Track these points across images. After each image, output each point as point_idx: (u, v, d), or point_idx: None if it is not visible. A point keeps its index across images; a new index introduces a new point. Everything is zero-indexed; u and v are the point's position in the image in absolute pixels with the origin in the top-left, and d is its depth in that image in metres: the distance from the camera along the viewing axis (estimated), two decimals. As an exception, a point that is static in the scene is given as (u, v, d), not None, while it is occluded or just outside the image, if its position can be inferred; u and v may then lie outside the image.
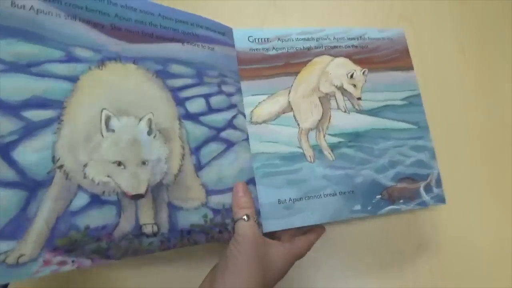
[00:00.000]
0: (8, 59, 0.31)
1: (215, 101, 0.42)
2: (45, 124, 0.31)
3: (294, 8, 0.62)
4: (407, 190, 0.47)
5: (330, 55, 0.49)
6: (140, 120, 0.36)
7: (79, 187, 0.32)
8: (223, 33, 0.45)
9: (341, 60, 0.49)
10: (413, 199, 0.47)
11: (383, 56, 0.51)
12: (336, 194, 0.44)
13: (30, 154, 0.30)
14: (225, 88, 0.43)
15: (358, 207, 0.44)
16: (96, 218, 0.32)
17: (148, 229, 0.35)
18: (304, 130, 0.45)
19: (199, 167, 0.39)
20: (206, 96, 0.41)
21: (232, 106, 0.43)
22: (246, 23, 0.58)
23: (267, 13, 0.60)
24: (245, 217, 0.38)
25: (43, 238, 0.30)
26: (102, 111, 0.34)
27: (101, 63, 0.35)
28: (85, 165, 0.32)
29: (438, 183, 0.48)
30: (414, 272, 0.51)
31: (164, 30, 0.40)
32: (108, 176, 0.33)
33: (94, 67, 0.35)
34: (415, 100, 0.51)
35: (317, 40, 0.49)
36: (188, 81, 0.40)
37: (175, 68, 0.40)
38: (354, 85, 0.49)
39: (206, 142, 0.40)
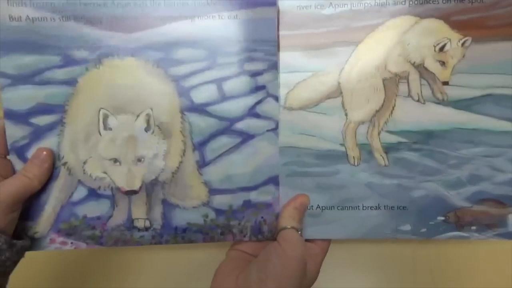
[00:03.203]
0: (13, 73, 0.34)
1: (232, 85, 0.35)
2: (50, 127, 0.34)
3: None
4: (487, 215, 0.35)
5: (416, 15, 0.34)
6: (137, 116, 0.34)
7: (79, 182, 0.35)
8: (258, -12, 0.34)
9: (430, 22, 0.34)
10: (492, 228, 0.35)
11: (506, 16, 0.33)
12: (380, 208, 0.36)
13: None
14: (249, 66, 0.35)
15: (407, 227, 0.35)
16: (93, 209, 0.35)
17: (139, 224, 0.36)
18: (353, 123, 0.35)
19: (202, 163, 0.35)
20: (219, 81, 0.35)
21: (257, 88, 0.35)
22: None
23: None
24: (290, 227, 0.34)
25: (51, 221, 0.35)
26: (99, 110, 0.34)
27: (98, 61, 0.34)
28: (84, 162, 0.35)
29: (542, 212, 0.35)
30: (413, 272, 0.45)
31: (169, 8, 0.34)
32: (104, 172, 0.34)
33: (91, 66, 0.34)
34: (542, 89, 0.34)
35: (398, -8, 0.34)
36: (196, 66, 0.35)
37: (180, 52, 0.34)
38: (443, 63, 0.34)
39: (214, 135, 0.35)
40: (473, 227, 0.35)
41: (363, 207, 0.36)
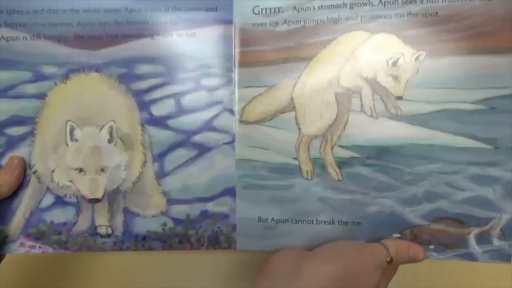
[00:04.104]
0: None
1: (189, 100, 0.36)
2: (22, 138, 0.37)
3: None
4: (445, 234, 0.34)
5: (368, 30, 0.34)
6: (101, 128, 0.36)
7: (48, 189, 0.37)
8: (215, 8, 0.35)
9: (382, 37, 0.34)
10: (451, 248, 0.34)
11: (462, 30, 0.32)
12: (333, 223, 0.35)
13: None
14: (206, 81, 0.36)
15: (361, 243, 0.35)
16: (59, 215, 0.37)
17: (102, 230, 0.37)
18: (306, 138, 0.35)
19: (161, 174, 0.37)
20: (178, 96, 0.36)
21: (214, 103, 0.36)
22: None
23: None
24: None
25: (21, 226, 0.37)
26: (67, 122, 0.36)
27: (66, 76, 0.37)
28: (52, 171, 0.37)
29: (507, 233, 0.33)
30: (413, 273, 0.43)
31: (131, 27, 0.36)
32: (70, 181, 0.37)
33: (60, 82, 0.37)
34: (501, 104, 0.32)
35: (350, 7, 0.34)
36: (156, 81, 0.36)
37: (141, 68, 0.36)
38: (396, 77, 0.34)
39: (172, 148, 0.37)
40: (431, 246, 0.34)
41: (317, 221, 0.36)
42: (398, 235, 0.34)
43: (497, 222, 0.33)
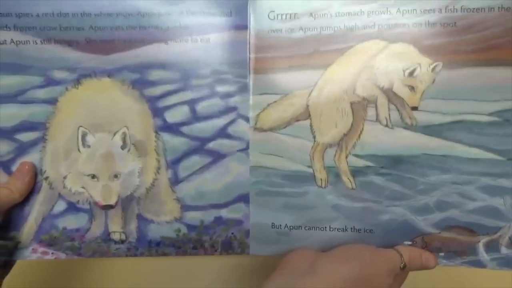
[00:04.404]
0: None
1: (204, 106, 0.36)
2: (33, 143, 0.37)
3: None
4: (455, 242, 0.34)
5: (385, 39, 0.34)
6: (114, 134, 0.36)
7: (60, 195, 0.37)
8: (230, 13, 0.35)
9: (400, 47, 0.33)
10: (461, 255, 0.34)
11: (479, 41, 0.32)
12: (346, 230, 0.36)
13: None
14: (221, 88, 0.36)
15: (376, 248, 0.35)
16: (72, 221, 0.37)
17: (116, 236, 0.37)
18: (321, 146, 0.35)
19: (175, 181, 0.37)
20: (192, 103, 0.36)
21: (229, 109, 0.36)
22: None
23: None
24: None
25: (33, 232, 0.37)
26: (78, 128, 0.36)
27: (77, 81, 0.36)
28: (64, 177, 0.37)
29: (515, 241, 0.34)
30: (414, 272, 0.44)
31: (144, 32, 0.35)
32: (83, 187, 0.36)
33: (71, 87, 0.36)
34: (515, 117, 0.33)
35: (368, 15, 0.34)
36: (170, 87, 0.36)
37: (155, 74, 0.36)
38: (412, 88, 0.34)
39: (187, 154, 0.36)
40: (441, 254, 0.35)
41: (330, 228, 0.36)
42: (409, 243, 0.35)
43: (506, 231, 0.34)
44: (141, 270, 0.49)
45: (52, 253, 0.37)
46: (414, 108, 0.34)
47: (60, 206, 0.37)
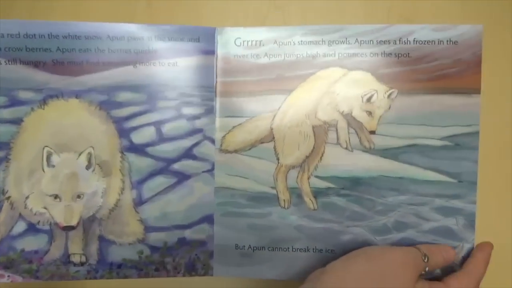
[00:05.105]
0: None
1: (170, 128, 0.37)
2: None
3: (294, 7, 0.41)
4: (412, 262, 0.36)
5: (344, 66, 0.36)
6: (79, 154, 0.36)
7: (20, 216, 0.36)
8: (198, 39, 0.36)
9: (358, 74, 0.35)
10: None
11: (431, 71, 0.35)
12: (308, 250, 0.36)
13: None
14: (187, 110, 0.37)
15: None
16: (31, 243, 0.37)
17: (75, 259, 0.37)
18: (284, 168, 0.37)
19: (139, 202, 0.37)
20: (158, 124, 0.36)
21: (195, 131, 0.37)
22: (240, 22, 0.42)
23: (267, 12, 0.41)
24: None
25: None
26: (44, 148, 0.36)
27: (43, 102, 0.36)
28: (27, 197, 0.36)
29: (467, 261, 0.35)
30: None
31: (113, 55, 0.36)
32: (45, 208, 0.36)
33: (37, 107, 0.36)
34: (465, 141, 0.34)
35: (329, 44, 0.36)
36: (136, 109, 0.36)
37: (122, 96, 0.36)
38: (370, 113, 0.35)
39: (151, 175, 0.37)
40: (400, 273, 0.36)
41: (292, 248, 0.37)
42: (370, 263, 0.36)
43: (459, 251, 0.35)
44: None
45: (8, 276, 0.37)
46: (372, 132, 0.36)
47: (20, 227, 0.36)
